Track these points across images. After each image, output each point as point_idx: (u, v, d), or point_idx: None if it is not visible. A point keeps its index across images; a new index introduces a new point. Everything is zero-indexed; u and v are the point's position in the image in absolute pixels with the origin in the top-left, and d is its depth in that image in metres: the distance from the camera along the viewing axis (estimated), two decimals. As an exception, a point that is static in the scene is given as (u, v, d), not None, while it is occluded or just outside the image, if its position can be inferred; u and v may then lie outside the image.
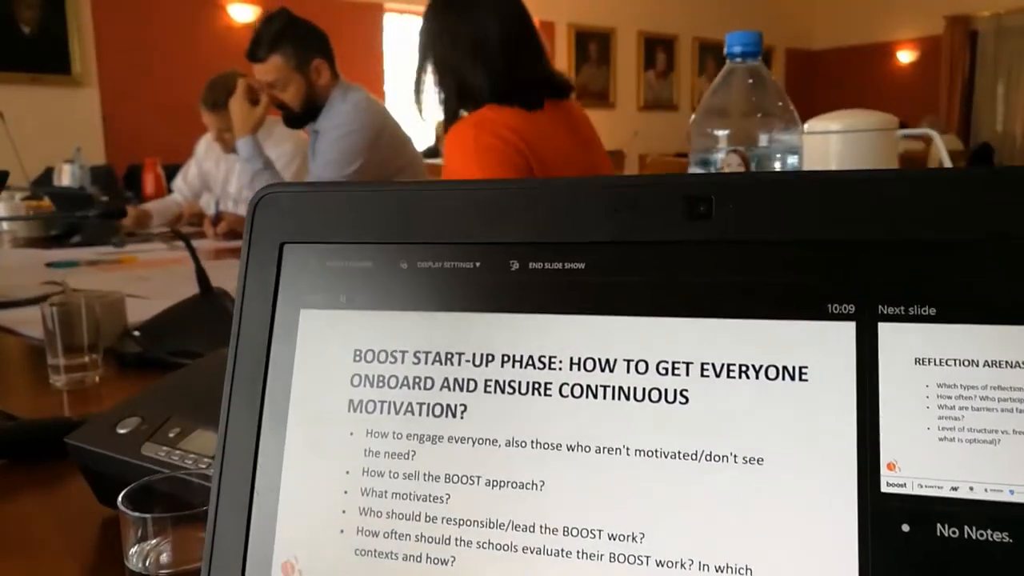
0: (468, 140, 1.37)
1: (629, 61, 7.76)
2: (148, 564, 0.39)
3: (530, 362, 0.28)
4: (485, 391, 0.28)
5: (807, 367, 0.26)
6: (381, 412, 0.29)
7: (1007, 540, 0.23)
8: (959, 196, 0.25)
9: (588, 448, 0.27)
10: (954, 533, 0.24)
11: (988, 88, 7.93)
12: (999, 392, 0.24)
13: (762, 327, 0.26)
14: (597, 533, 0.26)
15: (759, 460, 0.25)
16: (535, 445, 0.27)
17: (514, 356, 0.28)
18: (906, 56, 8.40)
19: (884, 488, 0.24)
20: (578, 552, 0.26)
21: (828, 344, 0.25)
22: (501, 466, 0.27)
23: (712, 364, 0.26)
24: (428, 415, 0.28)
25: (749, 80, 0.76)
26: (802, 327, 0.26)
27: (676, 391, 0.26)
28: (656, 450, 0.26)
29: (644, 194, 0.28)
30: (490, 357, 0.28)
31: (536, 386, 0.28)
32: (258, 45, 2.04)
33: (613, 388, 0.27)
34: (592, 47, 7.44)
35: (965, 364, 0.24)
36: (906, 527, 0.24)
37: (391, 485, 0.28)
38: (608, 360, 0.27)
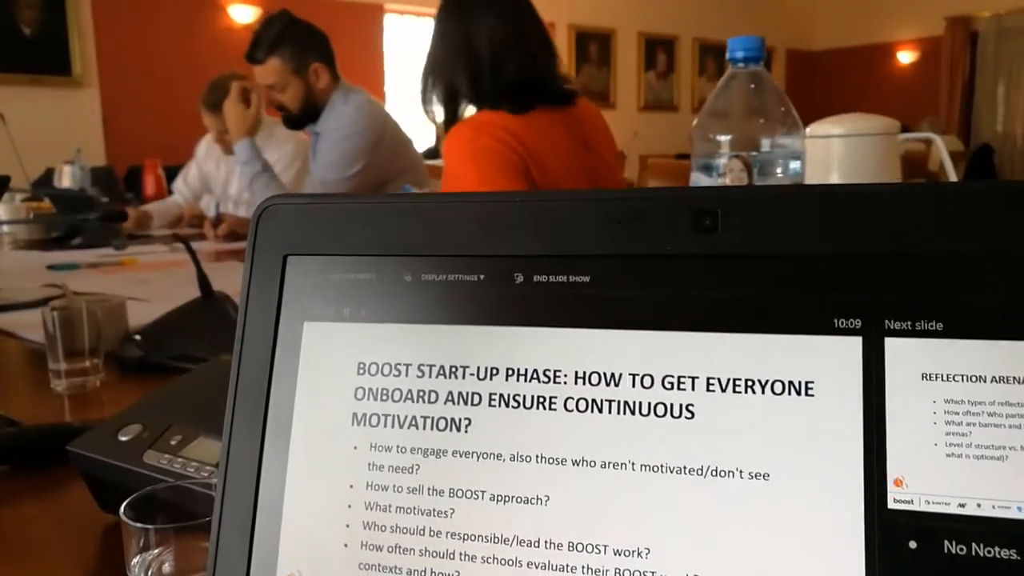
0: (466, 142, 1.37)
1: (629, 62, 7.76)
2: (150, 574, 0.39)
3: (535, 376, 0.28)
4: (489, 405, 0.28)
5: (813, 382, 0.25)
6: (385, 426, 0.29)
7: (1015, 557, 0.23)
8: (967, 210, 0.25)
9: (593, 463, 0.27)
10: (962, 550, 0.23)
11: (988, 89, 7.93)
12: (1007, 408, 0.24)
13: (768, 341, 0.26)
14: (602, 548, 0.26)
15: (765, 475, 0.25)
16: (540, 460, 0.27)
17: (518, 370, 0.28)
18: (906, 57, 8.40)
19: (891, 504, 0.24)
20: (583, 567, 0.26)
21: (834, 359, 0.25)
22: (506, 481, 0.27)
23: (718, 379, 0.26)
24: (432, 429, 0.28)
25: (751, 85, 0.76)
26: (808, 342, 0.26)
27: (682, 406, 0.26)
28: (661, 465, 0.26)
29: (650, 207, 0.27)
30: (494, 371, 0.28)
31: (541, 400, 0.27)
32: (257, 47, 2.04)
33: (618, 403, 0.27)
34: (592, 48, 7.43)
35: (972, 380, 0.24)
36: (913, 544, 0.24)
37: (395, 499, 0.28)
38: (613, 374, 0.27)
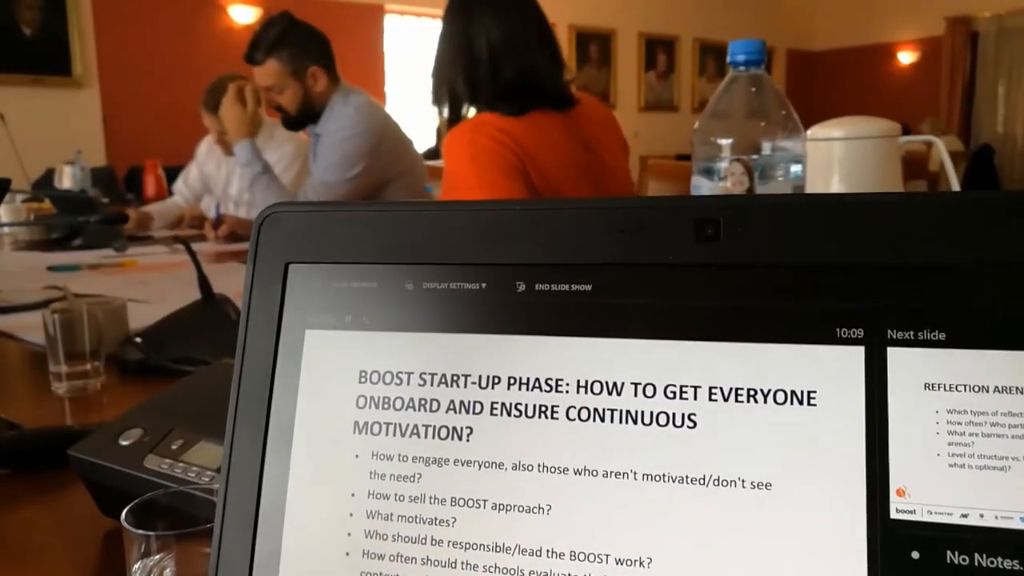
0: (465, 143, 1.38)
1: (630, 62, 7.76)
2: (151, 580, 0.39)
3: (536, 385, 0.28)
4: (491, 414, 0.28)
5: (815, 392, 0.25)
6: (387, 434, 0.29)
7: (1017, 568, 0.23)
8: (969, 220, 0.25)
9: (595, 472, 0.27)
10: (964, 560, 0.23)
11: (989, 89, 7.93)
12: (1009, 418, 0.24)
13: (770, 351, 0.26)
14: (604, 558, 0.26)
15: (767, 485, 0.25)
16: (542, 469, 0.27)
17: (520, 379, 0.28)
18: (907, 57, 8.40)
19: (894, 514, 0.24)
20: (585, 576, 0.26)
21: (837, 368, 0.25)
22: (507, 490, 0.27)
23: (720, 388, 0.26)
24: (434, 437, 0.28)
25: (752, 88, 0.76)
26: (811, 351, 0.26)
27: (684, 415, 0.26)
28: (663, 474, 0.26)
29: (652, 216, 0.27)
30: (496, 379, 0.28)
31: (543, 409, 0.27)
32: (256, 48, 2.04)
33: (620, 412, 0.27)
34: (593, 48, 7.44)
35: (975, 390, 0.24)
36: (916, 554, 0.24)
37: (397, 508, 0.28)
38: (615, 383, 0.27)
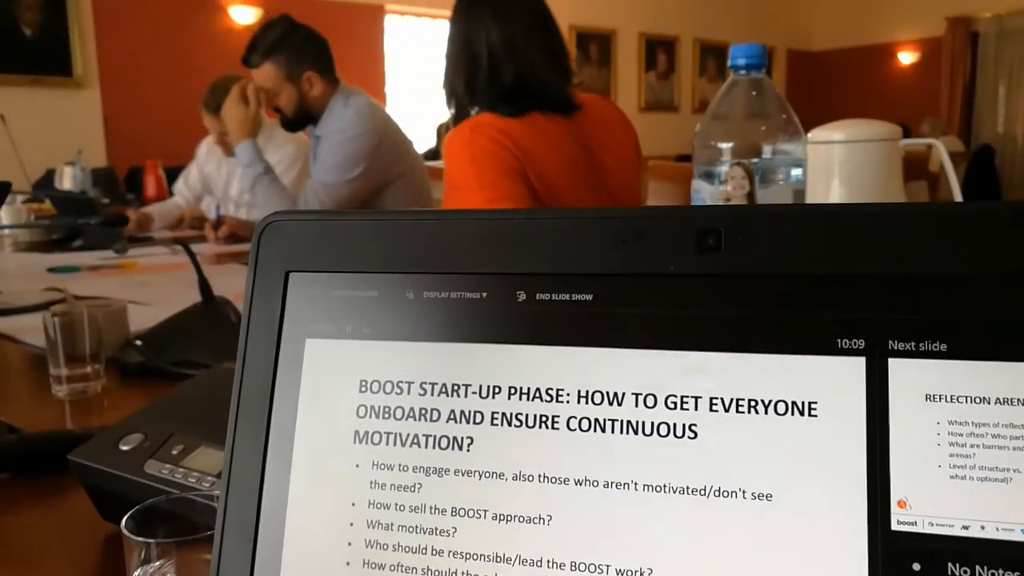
0: (464, 143, 1.39)
1: (630, 62, 7.75)
2: (152, 587, 0.39)
3: (537, 395, 0.28)
4: (492, 424, 0.28)
5: (816, 402, 0.25)
6: (387, 444, 0.29)
7: (1019, 580, 0.23)
8: (972, 231, 0.25)
9: (596, 482, 0.27)
10: (965, 572, 0.23)
11: (989, 89, 7.93)
12: (1011, 430, 0.24)
13: (771, 361, 0.26)
14: (605, 568, 0.26)
15: (768, 496, 0.25)
16: (542, 479, 0.27)
17: (521, 388, 0.28)
18: (907, 57, 8.40)
19: (895, 526, 0.24)
20: (586, 587, 0.26)
21: (838, 379, 0.25)
22: (508, 500, 0.27)
23: (721, 399, 0.26)
24: (434, 447, 0.28)
25: (752, 92, 0.76)
26: (812, 362, 0.26)
27: (685, 425, 0.26)
28: (664, 485, 0.26)
29: (653, 225, 0.27)
30: (497, 389, 0.28)
31: (543, 419, 0.27)
32: (253, 51, 2.04)
33: (621, 422, 0.27)
34: (593, 48, 7.43)
35: (976, 401, 0.24)
36: (917, 566, 0.24)
37: (397, 518, 0.28)
38: (616, 393, 0.27)
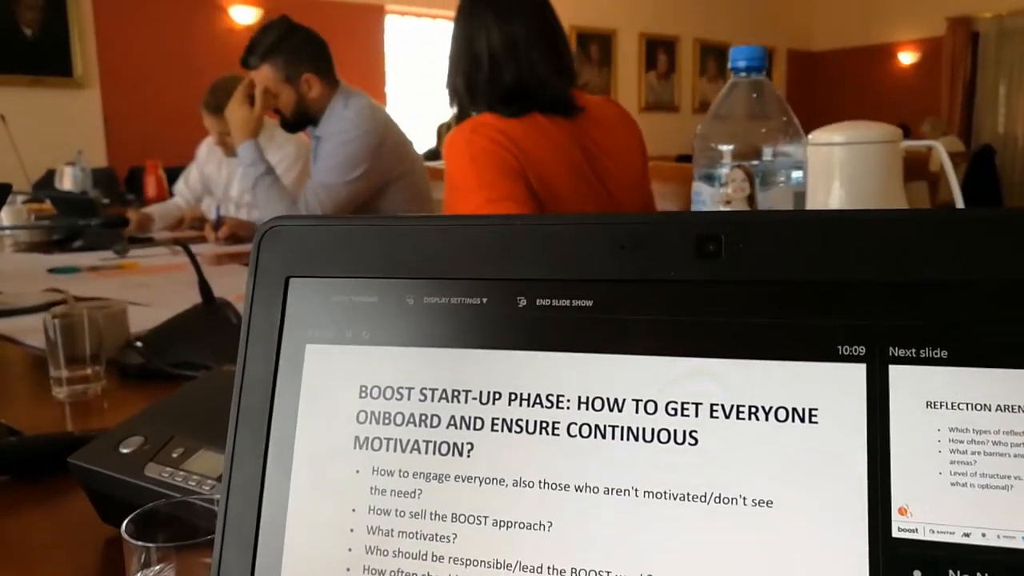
0: (464, 143, 1.39)
1: (630, 62, 7.75)
2: (152, 591, 0.39)
3: (537, 401, 0.28)
4: (492, 430, 0.28)
5: (817, 409, 0.25)
6: (387, 449, 0.29)
7: (1020, 587, 0.23)
8: (973, 237, 0.25)
9: (596, 489, 0.26)
10: (966, 580, 0.23)
11: (990, 90, 7.93)
12: (1012, 437, 0.24)
13: (772, 368, 0.26)
14: (605, 574, 0.26)
15: (768, 503, 0.25)
16: (542, 485, 0.27)
17: (521, 394, 0.28)
18: (907, 57, 8.40)
19: (896, 533, 0.24)
20: (586, 594, 0.26)
21: (838, 386, 0.25)
22: (508, 506, 0.27)
23: (721, 405, 0.26)
24: (435, 453, 0.28)
25: (753, 94, 0.76)
26: (812, 368, 0.25)
27: (685, 432, 0.26)
28: (665, 491, 0.26)
29: (653, 232, 0.27)
30: (497, 395, 0.28)
31: (544, 425, 0.27)
32: (251, 53, 2.04)
33: (622, 428, 0.27)
34: (593, 48, 7.44)
35: (977, 408, 0.24)
36: (917, 573, 0.24)
37: (397, 524, 0.28)
38: (617, 400, 0.27)
